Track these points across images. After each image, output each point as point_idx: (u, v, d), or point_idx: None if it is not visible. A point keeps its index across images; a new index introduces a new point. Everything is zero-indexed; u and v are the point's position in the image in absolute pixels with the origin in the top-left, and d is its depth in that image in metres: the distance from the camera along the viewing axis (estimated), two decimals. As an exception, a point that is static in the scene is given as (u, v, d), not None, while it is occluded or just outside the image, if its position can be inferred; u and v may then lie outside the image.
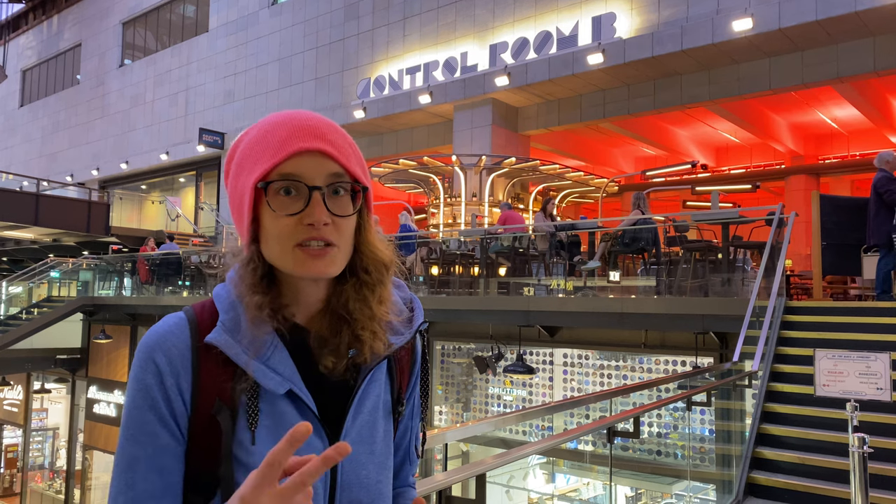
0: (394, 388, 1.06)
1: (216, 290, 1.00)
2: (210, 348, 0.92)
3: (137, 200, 27.70)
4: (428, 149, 17.89)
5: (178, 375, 0.91)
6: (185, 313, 0.97)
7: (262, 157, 0.93)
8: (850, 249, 8.55)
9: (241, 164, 0.96)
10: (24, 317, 16.45)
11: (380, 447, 1.01)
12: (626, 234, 9.72)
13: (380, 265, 1.01)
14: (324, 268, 0.93)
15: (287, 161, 0.92)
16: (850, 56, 12.28)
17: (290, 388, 0.92)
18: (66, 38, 32.53)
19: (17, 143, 34.54)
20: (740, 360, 6.05)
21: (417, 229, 13.59)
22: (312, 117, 0.96)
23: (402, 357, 1.09)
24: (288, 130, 0.93)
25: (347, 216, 0.96)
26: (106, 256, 18.51)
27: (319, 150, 0.93)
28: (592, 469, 9.34)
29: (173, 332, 0.94)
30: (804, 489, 5.00)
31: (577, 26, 15.10)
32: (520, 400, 10.42)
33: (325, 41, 20.58)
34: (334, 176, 0.94)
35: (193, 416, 0.91)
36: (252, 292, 0.93)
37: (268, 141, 0.93)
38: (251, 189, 0.93)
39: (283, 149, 0.92)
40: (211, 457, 0.91)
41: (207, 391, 0.91)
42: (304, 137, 0.93)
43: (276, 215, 0.92)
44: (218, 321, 0.94)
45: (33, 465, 18.43)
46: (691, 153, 19.54)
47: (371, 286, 1.00)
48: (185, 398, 0.91)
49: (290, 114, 0.96)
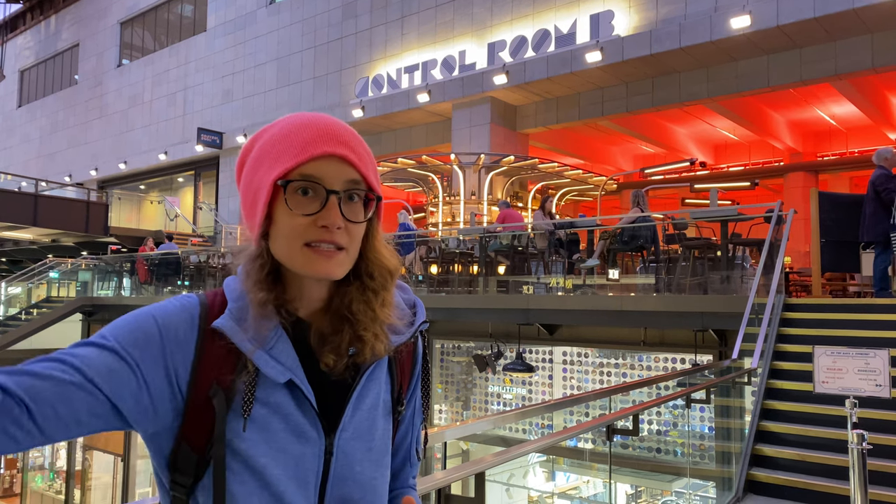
0: (394, 388, 1.07)
1: (227, 282, 1.02)
2: (215, 333, 0.93)
3: (136, 200, 27.68)
4: (426, 148, 17.89)
5: (181, 350, 0.92)
6: (198, 297, 0.99)
7: (283, 156, 0.94)
8: (848, 246, 8.55)
9: (259, 159, 0.98)
10: (23, 317, 16.45)
11: (377, 444, 1.02)
12: (625, 232, 9.72)
13: (384, 271, 1.03)
14: (331, 269, 0.95)
15: (309, 163, 0.94)
16: (848, 53, 12.29)
17: (291, 378, 0.93)
18: (64, 38, 32.50)
19: (16, 143, 34.51)
20: (739, 358, 6.05)
21: (416, 228, 13.59)
22: (337, 122, 0.98)
23: (403, 357, 1.10)
24: (312, 133, 0.95)
25: (360, 222, 0.98)
26: (105, 256, 18.51)
27: (342, 155, 0.95)
28: (592, 467, 9.35)
29: (186, 309, 0.95)
30: (804, 486, 5.01)
31: (576, 24, 15.10)
32: (519, 398, 10.43)
33: (323, 40, 20.57)
34: (352, 182, 0.96)
35: (190, 395, 0.92)
36: (258, 289, 0.95)
37: (291, 140, 0.95)
38: (270, 185, 0.94)
39: (306, 150, 0.94)
40: (202, 437, 0.92)
41: (206, 373, 0.92)
42: (328, 142, 0.95)
43: (292, 214, 0.94)
44: (227, 309, 0.96)
45: (33, 465, 18.42)
46: (690, 151, 19.54)
47: (375, 290, 1.01)
48: (182, 375, 0.92)
49: (314, 116, 0.98)
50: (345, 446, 0.98)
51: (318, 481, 0.96)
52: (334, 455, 0.97)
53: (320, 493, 0.96)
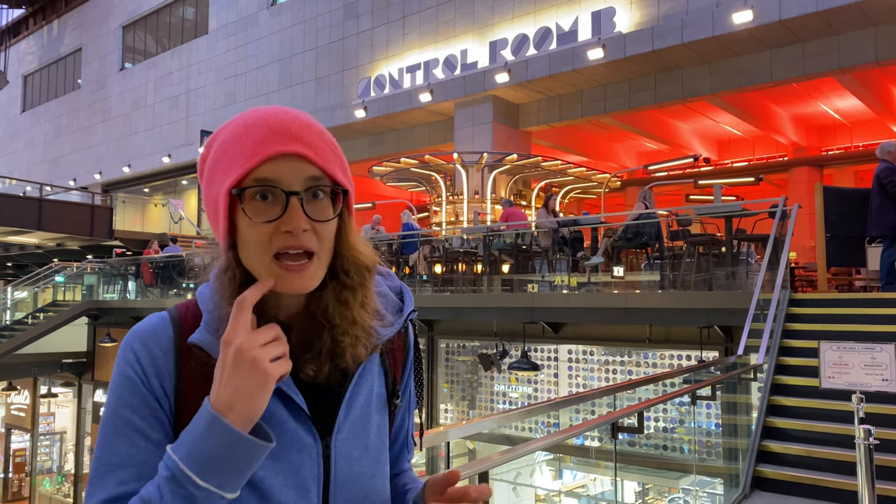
0: (388, 381, 1.05)
1: (200, 290, 0.98)
2: (194, 348, 0.90)
3: (140, 204, 27.75)
4: (429, 147, 17.88)
5: (161, 374, 0.90)
6: (169, 313, 0.96)
7: (235, 162, 0.89)
8: (854, 241, 8.52)
9: (213, 169, 0.92)
10: (29, 321, 16.49)
11: (373, 441, 1.00)
12: (629, 229, 9.70)
13: (361, 268, 0.98)
14: (302, 284, 0.90)
15: (262, 165, 0.88)
16: (851, 46, 12.24)
17: (279, 386, 0.90)
18: (67, 42, 32.58)
19: (20, 148, 34.62)
20: (745, 354, 6.03)
21: (420, 227, 13.59)
22: (288, 117, 0.91)
23: (396, 348, 1.07)
24: (262, 132, 0.89)
25: (327, 221, 0.92)
26: (110, 260, 18.56)
27: (296, 153, 0.89)
28: (599, 464, 9.34)
29: (156, 332, 0.93)
30: (811, 482, 4.98)
31: (577, 21, 15.07)
32: (525, 397, 10.42)
33: (324, 41, 20.58)
34: (312, 179, 0.90)
35: (178, 416, 0.90)
36: (229, 303, 0.90)
37: (241, 143, 0.89)
38: (225, 195, 0.89)
39: (257, 153, 0.88)
40: None
41: (192, 391, 0.90)
42: (279, 140, 0.88)
43: (253, 222, 0.88)
44: (202, 321, 0.93)
45: (41, 469, 18.48)
46: (693, 147, 19.50)
47: (352, 289, 0.96)
48: (170, 399, 0.91)
49: (264, 113, 0.91)
50: (342, 448, 0.96)
51: (320, 487, 0.94)
52: (333, 458, 0.95)
53: (324, 498, 0.94)
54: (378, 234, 12.67)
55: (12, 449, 18.89)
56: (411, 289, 1.36)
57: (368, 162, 17.95)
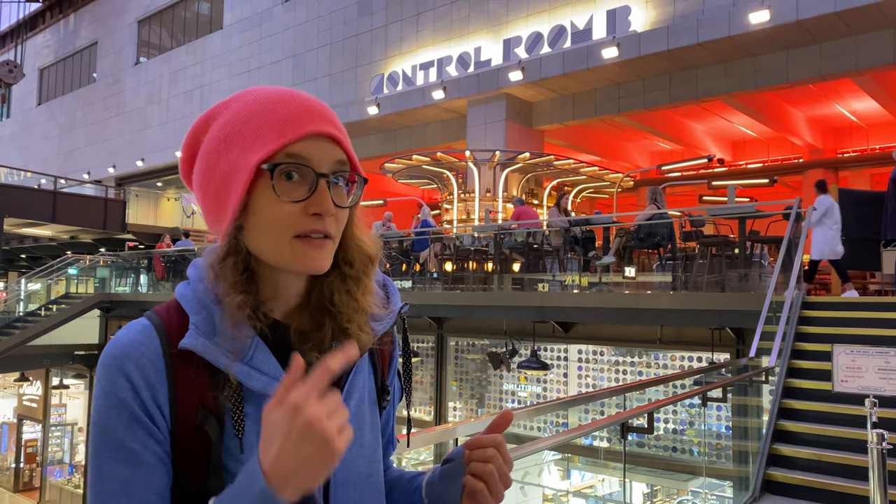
0: (377, 376, 1.02)
1: (179, 290, 0.91)
2: (185, 354, 0.84)
3: (153, 197, 27.90)
4: (441, 144, 17.87)
5: (153, 388, 0.83)
6: (150, 318, 0.88)
7: (264, 135, 0.84)
8: (869, 244, 8.45)
9: (228, 140, 0.87)
10: (42, 313, 16.64)
11: (367, 440, 0.97)
12: (642, 230, 9.64)
13: (364, 258, 0.95)
14: (322, 261, 0.87)
15: (296, 143, 0.84)
16: (869, 47, 12.11)
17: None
18: (83, 36, 32.81)
19: (35, 141, 34.90)
20: (757, 356, 5.99)
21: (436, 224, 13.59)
22: (314, 98, 0.89)
23: (384, 342, 1.04)
24: (293, 109, 0.85)
25: (348, 207, 0.89)
26: (122, 253, 18.67)
27: (328, 134, 0.86)
28: (608, 465, 9.31)
29: (141, 342, 0.85)
30: (822, 486, 4.94)
31: (592, 20, 15.01)
32: (534, 396, 10.40)
33: (338, 37, 20.62)
34: (339, 164, 0.87)
35: (176, 429, 0.84)
36: (236, 291, 0.85)
37: (267, 117, 0.85)
38: (252, 168, 0.83)
39: (292, 128, 0.84)
40: (198, 470, 0.84)
41: (188, 401, 0.84)
42: (313, 119, 0.85)
43: (279, 201, 0.84)
44: (189, 324, 0.86)
45: (52, 459, 18.64)
46: (707, 147, 19.38)
47: (356, 279, 0.93)
48: (165, 412, 0.84)
49: (286, 92, 0.88)
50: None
51: (320, 489, 0.90)
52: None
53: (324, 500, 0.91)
54: (389, 231, 12.69)
55: (24, 439, 19.07)
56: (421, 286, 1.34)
57: (380, 159, 17.97)
